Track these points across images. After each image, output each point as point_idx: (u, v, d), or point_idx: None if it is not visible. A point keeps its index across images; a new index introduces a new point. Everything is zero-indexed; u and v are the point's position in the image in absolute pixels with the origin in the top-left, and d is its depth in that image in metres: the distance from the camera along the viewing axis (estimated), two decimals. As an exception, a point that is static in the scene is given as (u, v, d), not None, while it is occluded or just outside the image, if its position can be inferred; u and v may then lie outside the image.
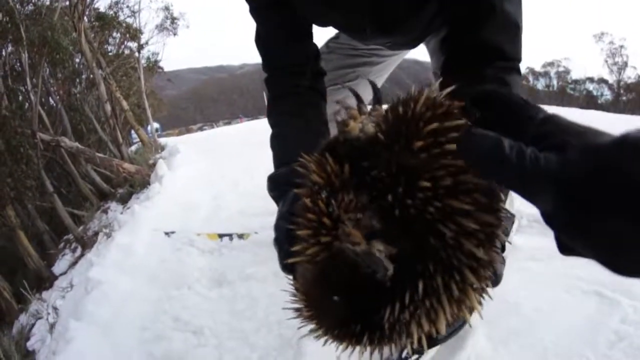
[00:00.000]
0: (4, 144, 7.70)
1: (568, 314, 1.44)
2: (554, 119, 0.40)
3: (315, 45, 1.34)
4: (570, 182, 0.34)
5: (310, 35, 1.34)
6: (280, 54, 1.32)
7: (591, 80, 47.99)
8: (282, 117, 1.23)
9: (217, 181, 4.83)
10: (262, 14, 1.31)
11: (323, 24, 1.39)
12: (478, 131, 0.40)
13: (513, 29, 1.05)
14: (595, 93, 48.47)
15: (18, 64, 8.86)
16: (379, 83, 1.85)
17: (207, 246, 2.85)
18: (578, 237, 0.35)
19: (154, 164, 8.53)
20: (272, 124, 1.24)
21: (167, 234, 3.14)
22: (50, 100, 11.07)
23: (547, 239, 1.14)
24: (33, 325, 4.50)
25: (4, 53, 8.54)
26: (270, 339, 1.80)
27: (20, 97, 8.97)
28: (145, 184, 7.87)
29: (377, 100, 0.59)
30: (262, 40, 1.33)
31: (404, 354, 1.18)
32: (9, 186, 7.77)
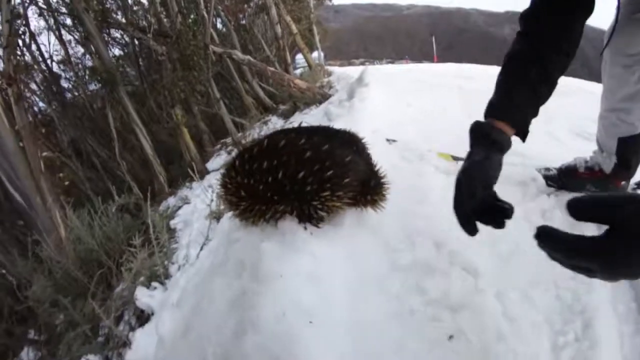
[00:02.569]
0: (177, 52, 8.25)
1: None
2: None
3: (579, 29, 1.34)
4: None
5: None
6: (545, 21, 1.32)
7: None
8: (515, 74, 1.35)
9: (405, 107, 4.29)
10: None
11: None
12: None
13: None
14: None
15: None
16: None
17: (442, 165, 2.44)
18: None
19: (321, 87, 8.75)
20: (503, 71, 1.38)
21: (388, 140, 2.88)
22: (218, 24, 11.90)
23: None
24: (180, 207, 4.72)
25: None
26: (549, 299, 1.46)
27: (192, 17, 9.36)
28: (315, 102, 8.01)
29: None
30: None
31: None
32: (180, 88, 8.37)
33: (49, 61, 10.33)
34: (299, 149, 1.49)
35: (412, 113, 3.92)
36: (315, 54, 14.49)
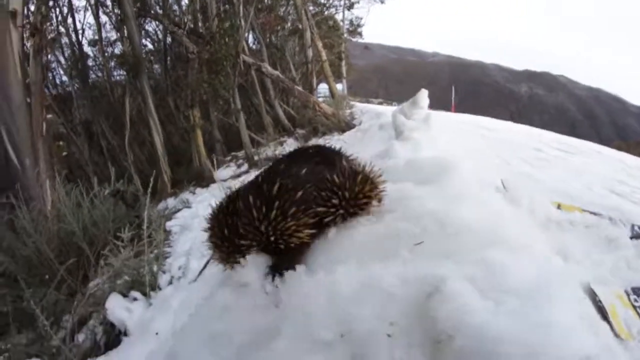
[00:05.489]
0: (208, 54, 8.19)
1: None
2: None
3: None
4: None
5: None
6: None
7: None
8: None
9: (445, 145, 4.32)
10: None
11: None
12: None
13: None
14: None
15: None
16: None
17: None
18: None
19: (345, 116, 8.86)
20: None
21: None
22: (250, 38, 11.95)
23: None
24: (179, 210, 4.39)
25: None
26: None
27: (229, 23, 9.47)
28: (338, 128, 8.06)
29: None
30: None
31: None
32: (204, 89, 8.33)
33: (81, 38, 10.53)
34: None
35: (453, 151, 3.80)
36: (339, 85, 14.56)
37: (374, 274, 1.05)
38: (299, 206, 1.33)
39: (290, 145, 8.97)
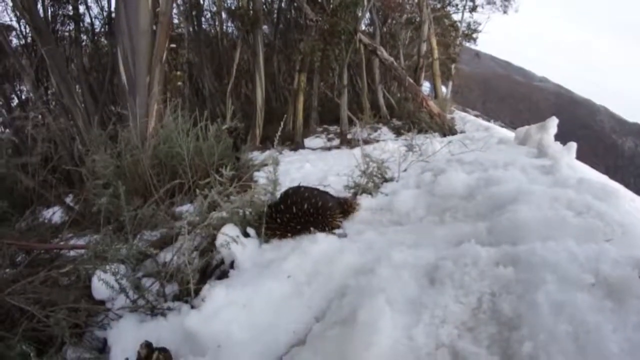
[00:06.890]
0: (328, 24, 8.13)
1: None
2: None
3: None
4: None
5: None
6: None
7: None
8: None
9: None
10: None
11: None
12: None
13: None
14: None
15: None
16: None
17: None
18: None
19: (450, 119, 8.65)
20: None
21: None
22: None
23: None
24: (265, 165, 4.48)
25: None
26: None
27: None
28: (441, 130, 7.77)
29: None
30: None
31: None
32: (316, 58, 8.36)
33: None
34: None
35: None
36: (444, 88, 14.01)
37: (596, 249, 1.54)
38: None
39: (385, 133, 8.79)
